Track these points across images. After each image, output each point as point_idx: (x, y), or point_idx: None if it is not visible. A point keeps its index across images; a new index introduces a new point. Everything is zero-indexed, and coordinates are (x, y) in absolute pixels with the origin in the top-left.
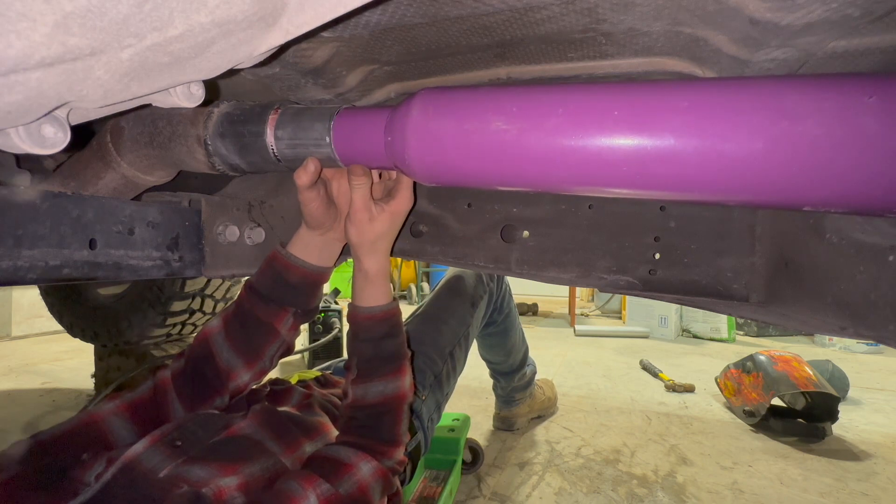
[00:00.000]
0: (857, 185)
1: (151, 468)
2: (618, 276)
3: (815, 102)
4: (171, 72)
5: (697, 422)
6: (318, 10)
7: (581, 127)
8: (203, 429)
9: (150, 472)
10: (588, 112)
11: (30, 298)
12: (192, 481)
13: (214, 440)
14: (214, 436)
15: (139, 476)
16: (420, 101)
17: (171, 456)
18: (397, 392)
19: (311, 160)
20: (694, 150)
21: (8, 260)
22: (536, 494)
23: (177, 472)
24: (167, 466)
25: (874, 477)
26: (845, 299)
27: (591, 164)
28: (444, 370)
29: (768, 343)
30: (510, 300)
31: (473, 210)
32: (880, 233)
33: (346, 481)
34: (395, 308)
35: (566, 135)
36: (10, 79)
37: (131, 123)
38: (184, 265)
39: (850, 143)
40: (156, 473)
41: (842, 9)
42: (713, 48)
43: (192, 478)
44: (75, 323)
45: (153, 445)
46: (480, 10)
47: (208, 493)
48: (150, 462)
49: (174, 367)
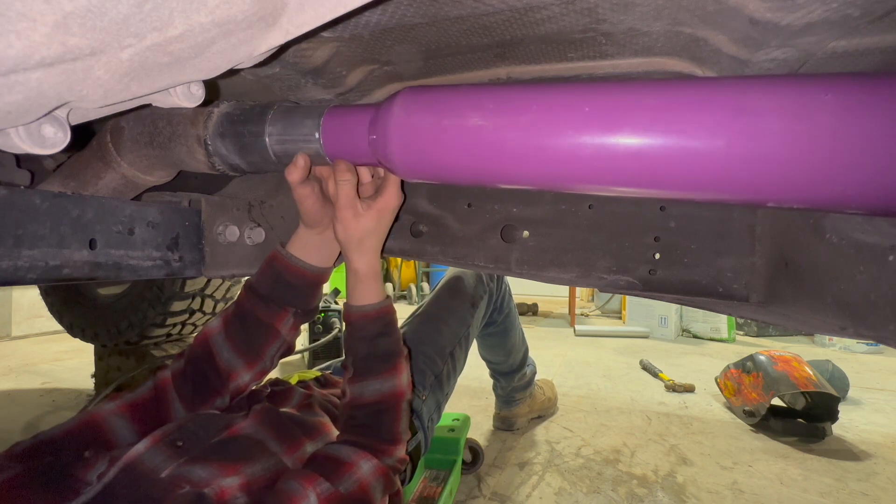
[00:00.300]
0: (855, 183)
1: (153, 468)
2: (618, 276)
3: (811, 101)
4: (171, 72)
5: (697, 422)
6: (318, 10)
7: (552, 124)
8: (204, 429)
9: (152, 472)
10: (559, 109)
11: (30, 298)
12: (193, 481)
13: (216, 440)
14: (216, 436)
15: (141, 476)
16: (402, 98)
17: (173, 456)
18: (394, 390)
19: (299, 156)
20: (667, 146)
21: (8, 260)
22: (536, 494)
23: (178, 473)
24: (169, 466)
25: (874, 477)
26: (845, 299)
27: (564, 161)
28: (445, 370)
29: (768, 343)
30: (510, 300)
31: (473, 210)
32: (880, 233)
33: (346, 480)
34: (387, 306)
35: (539, 131)
36: (10, 79)
37: (131, 123)
38: (184, 265)
39: (846, 141)
40: (157, 473)
41: (842, 9)
42: (713, 48)
43: (194, 478)
44: (75, 323)
45: (155, 446)
46: (480, 10)
47: (210, 493)
48: (152, 462)
49: (174, 368)
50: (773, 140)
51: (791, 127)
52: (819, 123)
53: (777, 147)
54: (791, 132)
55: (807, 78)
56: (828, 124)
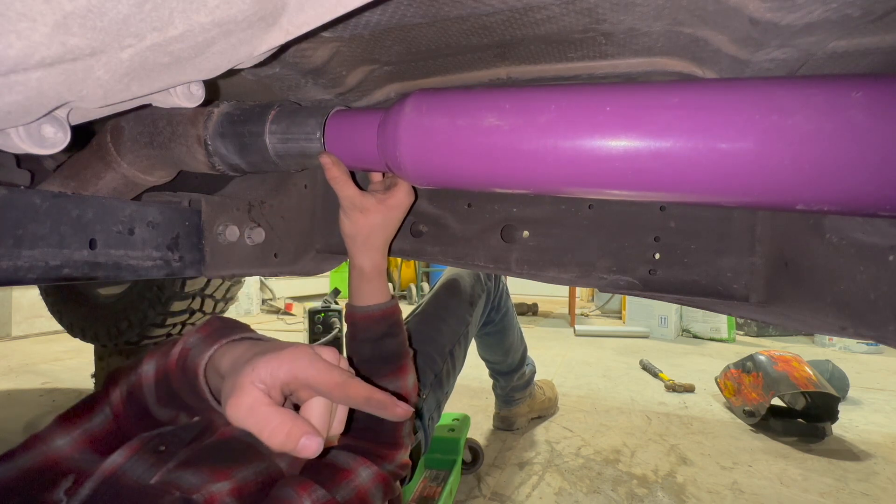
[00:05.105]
0: (852, 182)
1: (138, 477)
2: (618, 276)
3: (805, 99)
4: (171, 72)
5: (697, 422)
6: (318, 10)
7: (573, 125)
8: (185, 429)
9: (138, 481)
10: (580, 110)
11: (30, 298)
12: (184, 488)
13: (207, 443)
14: (201, 436)
15: (125, 487)
16: (413, 99)
17: (157, 463)
18: (399, 392)
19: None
20: (688, 150)
21: (8, 260)
22: (536, 494)
23: (168, 479)
24: (157, 474)
25: (874, 477)
26: (845, 299)
27: (584, 163)
28: (444, 369)
29: (768, 343)
30: (507, 299)
31: (473, 210)
32: (880, 233)
33: (343, 488)
34: (393, 306)
35: (558, 133)
36: (10, 79)
37: (131, 123)
38: (184, 265)
39: (842, 140)
40: (145, 482)
41: (842, 9)
42: (713, 48)
43: (185, 484)
44: (75, 323)
45: (135, 455)
46: (480, 10)
47: (199, 499)
48: (136, 472)
49: (116, 399)
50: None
51: (822, 127)
52: (852, 123)
53: (809, 148)
54: (822, 133)
55: (835, 78)
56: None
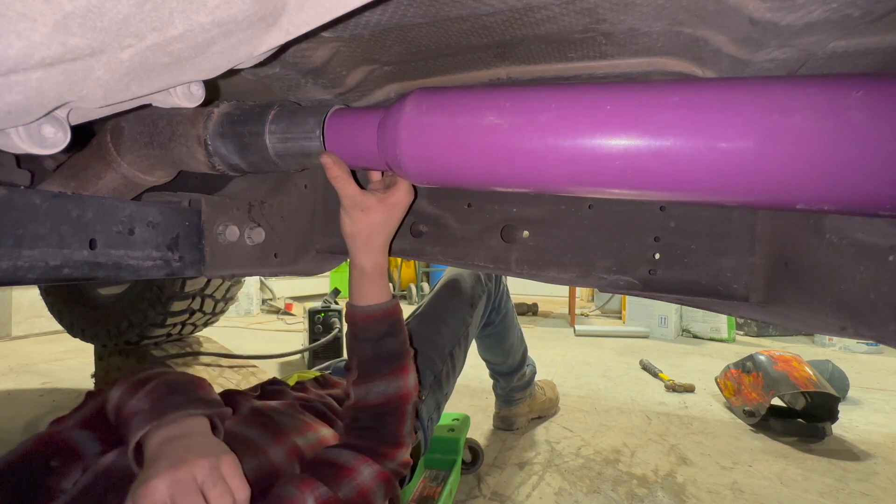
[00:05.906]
0: (852, 182)
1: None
2: (618, 276)
3: (805, 99)
4: (171, 72)
5: (697, 422)
6: (318, 10)
7: (574, 123)
8: None
9: (134, 472)
10: (580, 109)
11: (30, 298)
12: None
13: None
14: None
15: (126, 479)
16: (414, 97)
17: None
18: (399, 392)
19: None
20: (688, 149)
21: (8, 260)
22: (536, 494)
23: None
24: None
25: (874, 477)
26: (845, 299)
27: (584, 162)
28: (444, 370)
29: (768, 343)
30: (508, 300)
31: (473, 210)
32: (880, 233)
33: (345, 486)
34: (394, 306)
35: (558, 131)
36: (10, 79)
37: (131, 123)
38: (184, 265)
39: (842, 139)
40: None
41: (842, 9)
42: (713, 48)
43: None
44: (75, 323)
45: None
46: (480, 10)
47: None
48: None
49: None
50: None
51: (822, 127)
52: (852, 123)
53: (809, 147)
54: (822, 132)
55: (835, 78)
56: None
